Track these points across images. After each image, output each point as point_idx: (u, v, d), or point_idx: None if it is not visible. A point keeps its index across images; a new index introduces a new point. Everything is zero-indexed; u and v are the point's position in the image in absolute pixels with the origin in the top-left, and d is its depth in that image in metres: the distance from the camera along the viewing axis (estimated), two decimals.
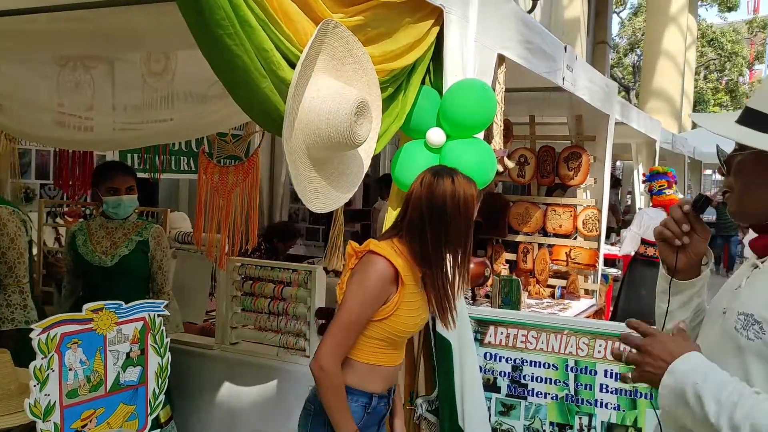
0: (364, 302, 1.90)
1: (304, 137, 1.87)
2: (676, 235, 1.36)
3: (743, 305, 1.22)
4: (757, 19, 37.89)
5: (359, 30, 2.01)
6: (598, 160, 5.09)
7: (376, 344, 1.98)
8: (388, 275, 1.92)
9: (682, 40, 16.54)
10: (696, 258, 1.40)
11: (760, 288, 1.22)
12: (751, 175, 1.24)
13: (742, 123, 1.21)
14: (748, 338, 1.18)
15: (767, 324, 1.15)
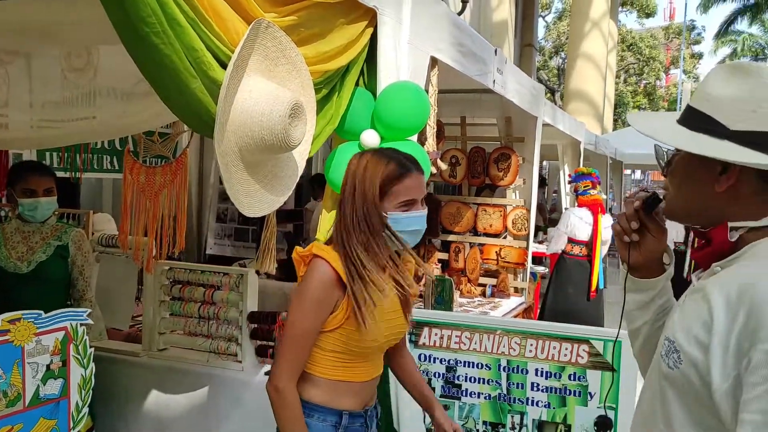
0: (306, 312, 1.73)
1: (236, 140, 1.82)
2: (625, 231, 1.33)
3: (670, 328, 1.15)
4: (672, 25, 39.75)
5: (292, 30, 1.98)
6: (526, 160, 5.21)
7: (335, 357, 1.78)
8: (329, 279, 1.72)
9: (604, 45, 17.15)
10: (652, 256, 1.35)
11: (686, 311, 1.14)
12: (681, 176, 1.20)
13: (681, 121, 1.19)
14: (668, 366, 1.11)
15: (684, 353, 1.08)
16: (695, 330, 1.07)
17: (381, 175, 1.74)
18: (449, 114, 5.19)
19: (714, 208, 1.15)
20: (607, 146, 10.65)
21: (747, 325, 0.99)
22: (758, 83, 1.08)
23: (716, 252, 1.15)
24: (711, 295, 1.07)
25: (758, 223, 1.10)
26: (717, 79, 1.14)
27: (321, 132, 2.26)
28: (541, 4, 29.37)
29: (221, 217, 6.53)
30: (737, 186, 1.11)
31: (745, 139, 1.08)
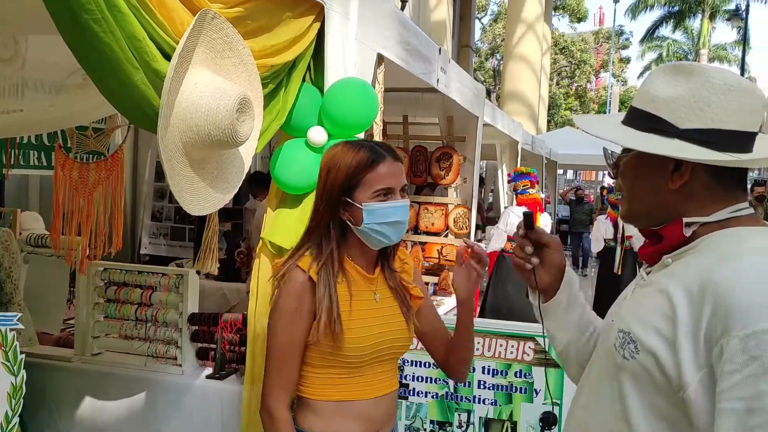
0: (284, 325, 1.59)
1: (180, 134, 1.74)
2: (525, 259, 1.38)
3: (623, 321, 1.17)
4: (602, 30, 41.11)
5: (238, 22, 1.91)
6: (467, 160, 5.26)
7: (327, 374, 1.63)
8: (301, 285, 1.59)
9: (538, 47, 17.58)
10: (556, 270, 1.39)
11: (639, 304, 1.16)
12: (634, 176, 1.21)
13: (626, 122, 1.21)
14: (624, 357, 1.12)
15: (641, 343, 1.09)
16: (655, 322, 1.08)
17: (351, 163, 1.62)
18: (391, 113, 5.17)
19: (668, 206, 1.17)
20: (542, 146, 10.90)
21: (716, 314, 0.99)
22: (702, 82, 1.11)
23: (667, 247, 1.17)
24: (669, 288, 1.08)
25: (710, 219, 1.13)
26: (660, 80, 1.16)
27: (268, 128, 2.20)
28: (478, 6, 29.82)
29: (156, 216, 6.33)
30: (689, 183, 1.14)
31: (694, 137, 1.11)
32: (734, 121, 1.11)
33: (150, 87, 1.58)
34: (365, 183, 1.62)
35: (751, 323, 0.95)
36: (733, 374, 0.96)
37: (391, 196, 1.64)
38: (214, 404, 2.74)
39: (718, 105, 1.10)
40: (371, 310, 1.66)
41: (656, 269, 1.19)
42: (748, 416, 0.94)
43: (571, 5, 36.70)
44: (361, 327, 1.62)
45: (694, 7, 32.83)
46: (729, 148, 1.10)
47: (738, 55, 29.93)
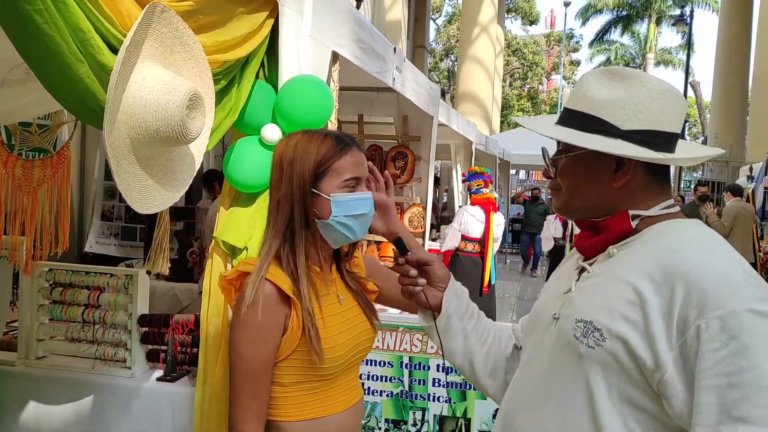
0: (257, 342, 1.42)
1: (128, 131, 1.69)
2: (412, 283, 1.41)
3: (580, 312, 1.19)
4: (553, 33, 41.87)
5: (189, 16, 1.87)
6: (422, 159, 5.28)
7: (301, 391, 1.49)
8: (270, 297, 1.42)
9: (492, 49, 17.78)
10: (445, 284, 1.44)
11: (596, 293, 1.19)
12: (577, 175, 1.25)
13: (562, 123, 1.26)
14: (588, 346, 1.14)
15: (607, 331, 1.12)
16: (620, 309, 1.12)
17: (317, 151, 1.49)
18: (346, 112, 5.16)
19: (611, 202, 1.23)
20: (496, 147, 11.04)
21: (689, 297, 1.04)
22: (640, 87, 1.19)
23: (613, 238, 1.23)
24: (630, 276, 1.13)
25: (650, 212, 1.21)
26: (596, 84, 1.22)
27: (220, 125, 2.16)
28: (432, 6, 30.02)
29: (106, 215, 6.17)
30: (630, 181, 1.21)
31: (635, 138, 1.18)
32: (667, 123, 1.20)
33: (95, 81, 1.53)
34: (334, 172, 1.49)
35: (727, 304, 1.02)
36: (714, 353, 1.01)
37: (359, 187, 1.53)
38: (165, 407, 2.69)
39: (655, 108, 1.18)
40: (338, 315, 1.54)
41: (601, 260, 1.24)
42: (730, 390, 0.99)
43: (524, 8, 37.29)
44: (335, 335, 1.50)
45: (641, 12, 33.78)
46: (662, 148, 1.19)
47: (682, 59, 30.87)
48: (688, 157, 1.24)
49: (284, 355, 1.45)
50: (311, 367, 1.46)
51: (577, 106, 1.23)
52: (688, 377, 1.04)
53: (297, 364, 1.46)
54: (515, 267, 13.86)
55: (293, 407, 1.48)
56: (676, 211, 1.23)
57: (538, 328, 1.33)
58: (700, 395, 1.02)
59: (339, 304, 1.56)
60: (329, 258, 1.60)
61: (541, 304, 1.38)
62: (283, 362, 1.46)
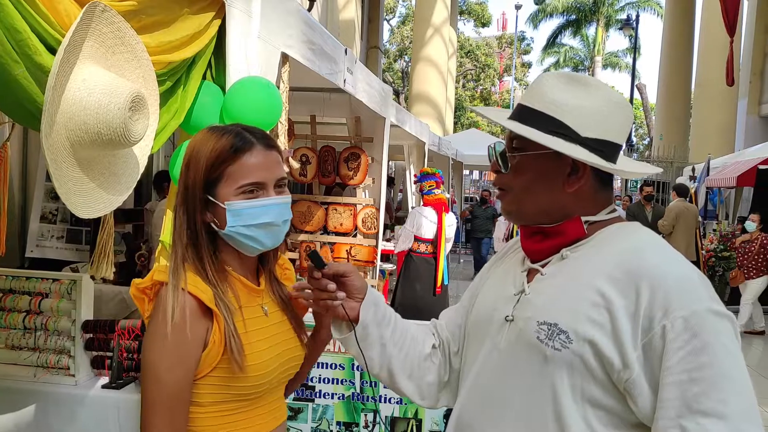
0: (172, 362, 1.25)
1: (67, 133, 1.65)
2: (331, 297, 1.33)
3: (542, 313, 1.19)
4: (505, 35, 42.45)
5: (131, 16, 1.83)
6: (375, 160, 5.29)
7: (221, 412, 1.33)
8: (189, 309, 1.26)
9: (445, 50, 17.93)
10: (361, 295, 1.37)
11: (557, 295, 1.19)
12: (531, 177, 1.24)
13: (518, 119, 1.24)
14: (554, 348, 1.15)
15: (574, 333, 1.13)
16: (585, 311, 1.14)
17: (210, 153, 1.31)
18: (298, 112, 5.14)
19: (562, 206, 1.24)
20: (449, 147, 11.12)
21: (655, 298, 1.09)
22: (603, 97, 1.22)
23: (564, 243, 1.24)
24: (591, 280, 1.16)
25: (597, 218, 1.25)
26: (558, 85, 1.23)
27: (165, 127, 2.12)
28: (386, 8, 30.10)
29: (49, 218, 5.98)
30: (583, 186, 1.23)
31: (591, 145, 1.20)
32: (618, 135, 1.24)
33: (32, 82, 1.48)
34: (228, 177, 1.31)
35: (690, 305, 1.07)
36: (678, 351, 1.06)
37: (262, 193, 1.33)
38: (111, 415, 2.62)
39: (614, 120, 1.23)
40: (264, 329, 1.39)
41: (554, 261, 1.25)
42: (690, 385, 1.04)
43: (476, 10, 37.71)
44: (261, 350, 1.36)
45: (590, 16, 34.55)
46: (611, 158, 1.23)
47: (629, 62, 31.71)
48: (632, 171, 1.32)
49: (204, 372, 1.30)
50: (233, 385, 1.31)
51: (535, 105, 1.23)
52: (652, 376, 1.08)
53: (217, 382, 1.31)
54: (468, 267, 13.96)
55: (210, 428, 1.33)
56: (617, 215, 1.28)
57: (488, 332, 1.30)
58: (664, 391, 1.06)
59: (265, 316, 1.41)
60: (253, 266, 1.45)
61: (485, 306, 1.35)
62: (202, 380, 1.30)
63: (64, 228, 5.91)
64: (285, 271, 1.55)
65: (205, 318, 1.29)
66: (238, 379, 1.31)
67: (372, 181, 5.33)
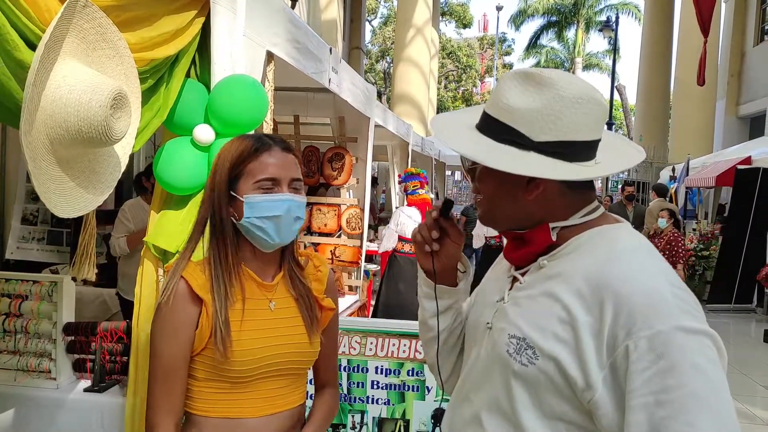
0: (167, 338, 1.44)
1: (47, 131, 1.61)
2: (426, 240, 1.34)
3: (513, 326, 1.17)
4: (486, 36, 42.65)
5: (113, 11, 1.79)
6: (360, 160, 5.27)
7: (211, 388, 1.47)
8: (180, 293, 1.45)
9: (427, 51, 17.95)
10: (449, 262, 1.38)
11: (529, 309, 1.17)
12: (492, 186, 1.24)
13: (481, 129, 1.22)
14: (521, 364, 1.13)
15: (540, 350, 1.11)
16: (551, 327, 1.11)
17: (233, 152, 1.49)
18: (282, 112, 5.10)
19: (528, 214, 1.21)
20: (432, 148, 11.14)
21: (618, 316, 1.04)
22: (554, 95, 1.14)
23: (537, 251, 1.21)
24: (559, 293, 1.12)
25: (568, 222, 1.20)
26: (513, 89, 1.17)
27: (147, 125, 2.08)
28: (368, 8, 30.09)
29: (29, 219, 5.89)
30: (545, 192, 1.18)
31: (547, 150, 1.15)
32: (582, 132, 1.16)
33: (11, 79, 1.45)
34: (248, 173, 1.48)
35: (654, 324, 1.01)
36: (643, 372, 1.00)
37: (277, 189, 1.48)
38: (93, 419, 2.58)
39: (569, 118, 1.14)
40: (265, 321, 1.51)
41: (532, 270, 1.22)
42: (657, 408, 0.99)
43: (458, 11, 37.84)
44: (250, 339, 1.47)
45: (570, 18, 34.82)
46: (577, 158, 1.16)
47: (609, 63, 31.98)
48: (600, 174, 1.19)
49: (197, 350, 1.46)
50: (220, 367, 1.45)
51: (492, 112, 1.20)
52: (617, 396, 1.04)
53: (208, 361, 1.46)
54: None
55: (206, 403, 1.48)
56: (600, 215, 1.21)
57: (476, 338, 1.32)
58: (630, 414, 1.01)
59: (269, 310, 1.52)
60: (270, 263, 1.56)
61: (475, 312, 1.37)
62: (197, 357, 1.47)
63: (45, 230, 5.82)
64: (317, 272, 1.64)
65: (196, 302, 1.46)
66: (224, 362, 1.44)
67: (356, 181, 5.31)
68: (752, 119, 17.03)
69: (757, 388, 5.96)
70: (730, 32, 17.80)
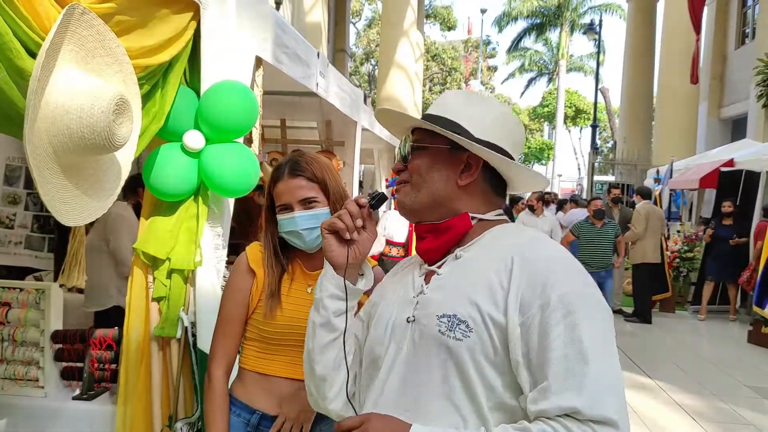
0: (225, 299, 1.86)
1: (50, 138, 1.60)
2: (349, 228, 1.33)
3: (441, 308, 1.23)
4: (471, 39, 42.80)
5: (110, 19, 1.79)
6: (347, 164, 5.27)
7: (252, 346, 1.86)
8: (241, 266, 1.86)
9: (412, 54, 17.97)
10: (361, 257, 1.36)
11: (454, 290, 1.24)
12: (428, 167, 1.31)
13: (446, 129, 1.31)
14: (456, 339, 1.19)
15: (471, 320, 1.19)
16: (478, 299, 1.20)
17: (269, 182, 1.88)
18: (268, 116, 5.09)
19: (451, 199, 1.32)
20: None
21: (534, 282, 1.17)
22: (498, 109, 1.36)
23: (453, 240, 1.31)
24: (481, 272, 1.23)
25: (487, 216, 1.33)
26: (457, 99, 1.37)
27: (145, 131, 2.08)
28: (352, 10, 30.09)
29: (6, 223, 5.80)
30: (473, 183, 1.32)
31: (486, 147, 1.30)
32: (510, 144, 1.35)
33: (13, 87, 1.44)
34: (275, 200, 1.86)
35: (564, 286, 1.16)
36: (556, 326, 1.13)
37: (289, 210, 1.82)
38: (82, 427, 2.56)
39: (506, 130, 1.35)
40: (301, 299, 1.83)
41: (449, 261, 1.30)
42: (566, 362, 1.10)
43: (442, 14, 37.94)
44: (285, 309, 1.81)
45: (554, 21, 35.06)
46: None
47: (593, 66, 32.23)
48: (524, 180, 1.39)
49: (249, 313, 1.85)
50: (261, 328, 1.82)
51: (438, 112, 1.35)
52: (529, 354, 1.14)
53: (253, 323, 1.84)
54: None
55: (246, 358, 1.86)
56: (504, 218, 1.36)
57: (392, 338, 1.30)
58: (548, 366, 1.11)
59: (307, 292, 1.85)
60: (317, 260, 1.83)
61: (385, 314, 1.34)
62: (250, 318, 1.85)
63: (23, 234, 5.73)
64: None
65: (249, 275, 1.86)
66: (261, 327, 1.82)
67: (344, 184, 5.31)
68: (734, 121, 17.23)
69: (741, 388, 6.03)
70: (712, 35, 18.00)
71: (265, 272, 1.85)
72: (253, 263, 1.86)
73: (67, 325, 2.77)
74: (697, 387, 5.98)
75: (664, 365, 6.77)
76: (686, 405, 5.46)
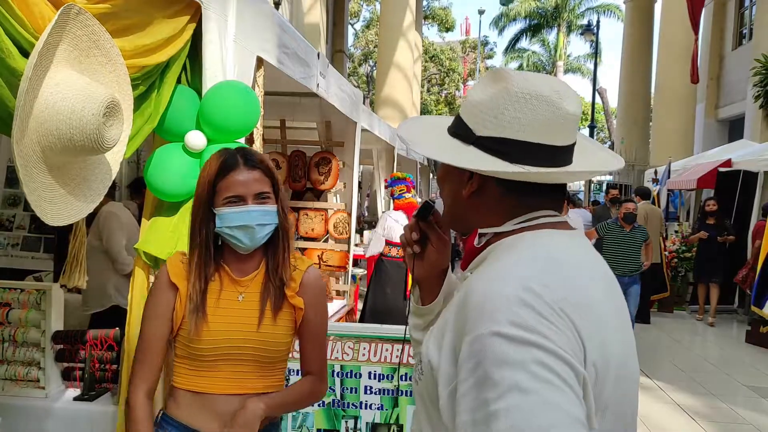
0: (146, 316, 1.71)
1: (39, 138, 1.60)
2: (408, 242, 1.30)
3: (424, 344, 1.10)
4: (468, 40, 42.82)
5: (106, 19, 1.79)
6: (346, 165, 5.26)
7: (183, 364, 1.70)
8: (162, 280, 1.71)
9: (410, 55, 17.98)
10: (434, 270, 1.29)
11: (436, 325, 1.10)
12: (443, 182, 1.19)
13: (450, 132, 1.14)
14: (417, 381, 1.10)
15: (426, 366, 1.03)
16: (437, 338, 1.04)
17: (209, 173, 1.70)
18: (268, 116, 5.06)
19: (465, 214, 1.14)
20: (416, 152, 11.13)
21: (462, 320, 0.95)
22: (501, 89, 1.05)
23: (470, 258, 1.13)
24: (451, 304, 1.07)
25: (501, 229, 1.08)
26: (478, 85, 1.11)
27: (138, 132, 2.07)
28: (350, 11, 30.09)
29: (5, 225, 5.80)
30: (480, 193, 1.09)
31: (487, 145, 1.05)
32: (527, 132, 1.03)
33: (5, 86, 1.44)
34: (218, 191, 1.69)
35: (478, 326, 0.90)
36: (464, 383, 0.89)
37: (242, 203, 1.68)
38: (83, 428, 2.56)
39: (512, 113, 1.03)
40: (230, 309, 1.71)
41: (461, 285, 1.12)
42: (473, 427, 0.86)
43: (440, 15, 37.94)
44: (217, 323, 1.68)
45: (551, 22, 35.08)
46: (523, 161, 1.03)
47: (590, 67, 32.27)
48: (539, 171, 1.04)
49: (176, 329, 1.69)
50: (188, 347, 1.68)
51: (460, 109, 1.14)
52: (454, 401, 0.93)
53: (182, 339, 1.68)
54: None
55: (178, 376, 1.71)
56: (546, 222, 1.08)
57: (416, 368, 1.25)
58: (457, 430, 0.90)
59: (238, 301, 1.72)
60: (251, 262, 1.75)
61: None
62: (177, 334, 1.69)
63: (20, 235, 5.72)
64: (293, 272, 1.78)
65: (170, 290, 1.69)
66: (193, 341, 1.66)
67: (343, 185, 5.31)
68: (731, 122, 17.25)
69: (740, 388, 6.04)
70: (708, 36, 18.03)
71: (187, 284, 1.68)
72: (174, 276, 1.69)
73: (67, 326, 2.77)
74: (695, 386, 5.99)
75: (663, 365, 6.78)
76: (685, 405, 5.47)
